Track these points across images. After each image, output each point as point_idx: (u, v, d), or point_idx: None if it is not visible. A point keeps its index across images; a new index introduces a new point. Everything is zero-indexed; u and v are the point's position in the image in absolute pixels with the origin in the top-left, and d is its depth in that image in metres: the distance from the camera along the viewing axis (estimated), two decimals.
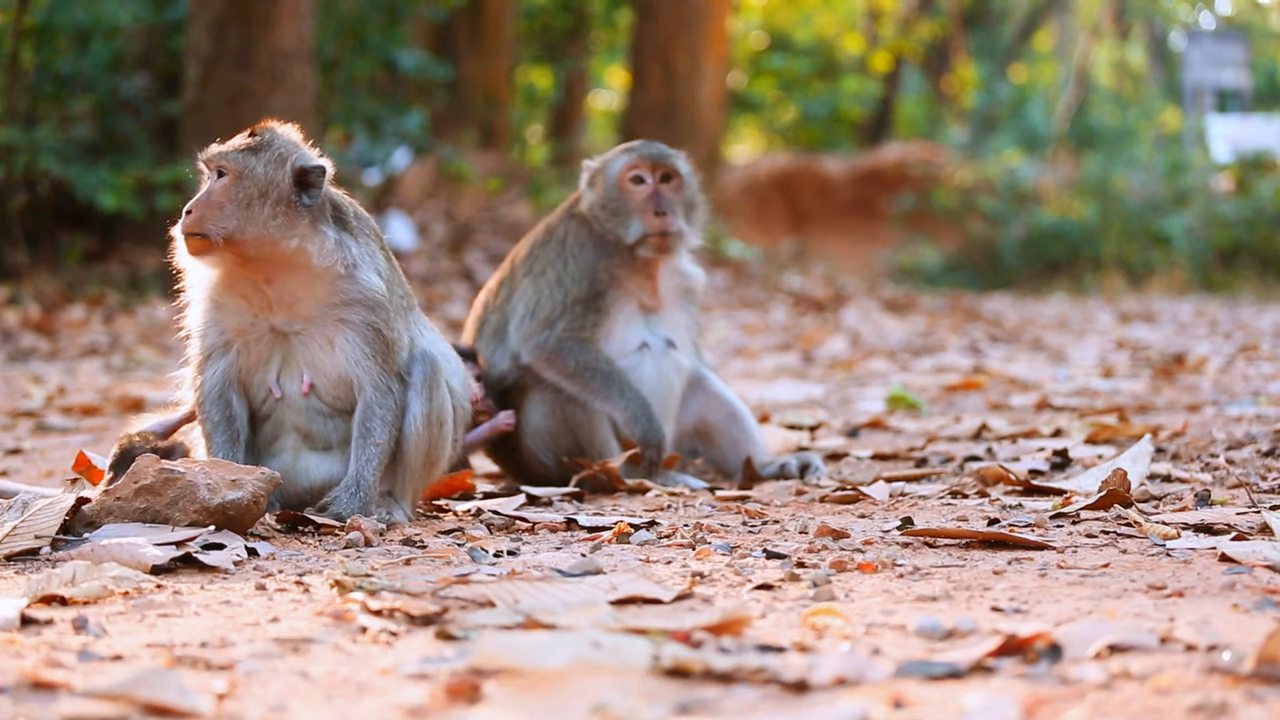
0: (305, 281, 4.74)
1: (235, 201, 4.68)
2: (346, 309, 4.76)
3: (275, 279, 4.73)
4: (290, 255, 4.70)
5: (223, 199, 4.68)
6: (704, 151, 20.01)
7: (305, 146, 4.84)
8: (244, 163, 4.72)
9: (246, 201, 4.68)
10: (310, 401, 4.81)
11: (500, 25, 22.96)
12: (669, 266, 5.98)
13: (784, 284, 20.79)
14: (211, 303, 4.81)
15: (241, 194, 4.69)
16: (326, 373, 4.79)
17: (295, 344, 4.78)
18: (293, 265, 4.72)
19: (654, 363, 5.91)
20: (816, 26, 34.87)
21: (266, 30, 13.10)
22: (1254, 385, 9.10)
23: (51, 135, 13.78)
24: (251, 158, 4.73)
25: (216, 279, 4.78)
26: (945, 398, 9.20)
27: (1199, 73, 32.71)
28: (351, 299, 4.76)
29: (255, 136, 4.79)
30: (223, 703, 2.67)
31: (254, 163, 4.73)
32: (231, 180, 4.70)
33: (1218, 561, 3.89)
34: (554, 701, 2.57)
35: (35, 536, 4.06)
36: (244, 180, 4.70)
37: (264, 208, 4.69)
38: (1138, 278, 24.17)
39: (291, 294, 4.75)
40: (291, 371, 4.81)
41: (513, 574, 3.77)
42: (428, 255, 17.47)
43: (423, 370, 4.85)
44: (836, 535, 4.40)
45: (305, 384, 4.79)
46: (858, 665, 2.81)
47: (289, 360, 4.80)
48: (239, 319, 4.78)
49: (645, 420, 5.73)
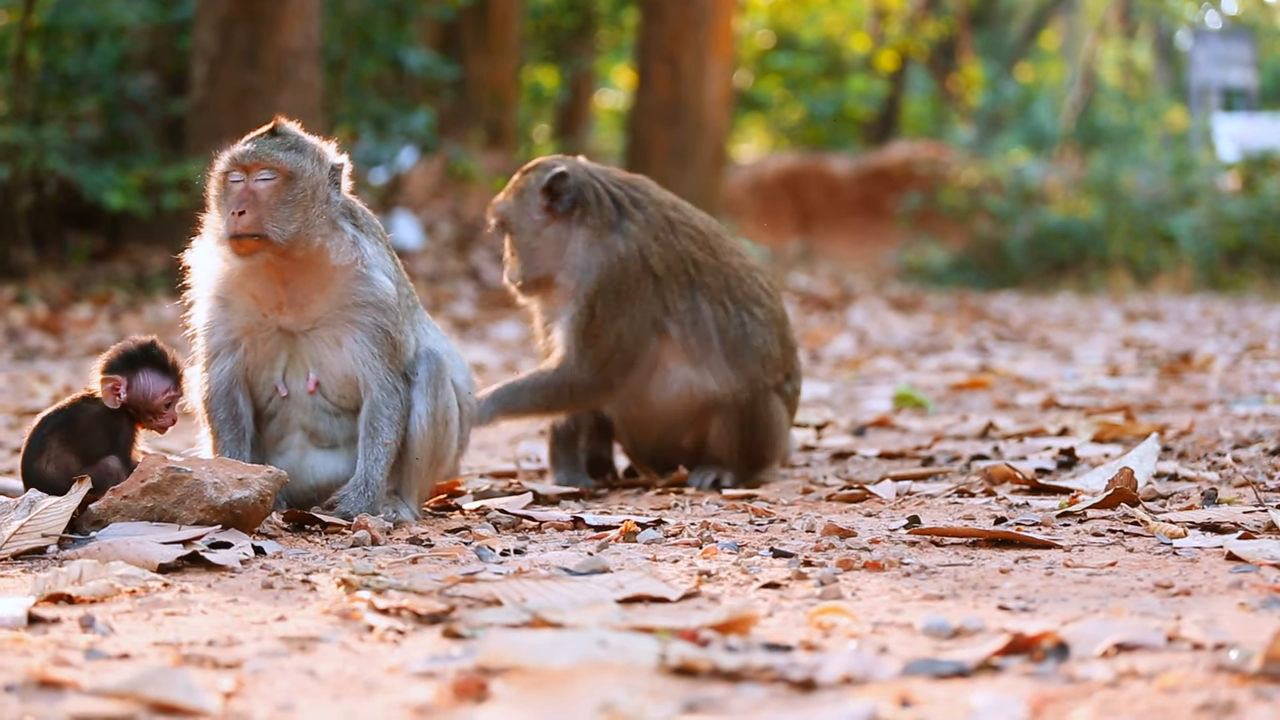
0: (321, 281, 4.73)
1: (289, 202, 4.65)
2: (358, 310, 4.76)
3: (292, 278, 4.72)
4: (314, 254, 4.70)
5: (275, 199, 4.65)
6: (710, 151, 20.00)
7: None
8: (296, 163, 4.68)
9: (300, 202, 4.67)
10: (316, 400, 4.81)
11: (507, 25, 22.96)
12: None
13: (790, 283, 20.76)
14: (219, 301, 4.80)
15: (295, 194, 4.67)
16: (333, 371, 4.79)
17: (302, 342, 4.78)
18: (313, 264, 4.71)
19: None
20: (823, 26, 34.86)
21: (273, 30, 13.10)
22: (1261, 384, 9.09)
23: (58, 135, 13.78)
24: (300, 157, 4.70)
25: (228, 277, 4.76)
26: (952, 396, 9.19)
27: (1205, 72, 32.70)
28: (364, 300, 4.76)
29: (283, 135, 4.74)
30: (230, 701, 2.67)
31: (304, 162, 4.70)
32: (283, 181, 4.66)
33: (1224, 560, 3.89)
34: (561, 700, 2.57)
35: (42, 535, 4.06)
36: (297, 180, 4.68)
37: (313, 207, 4.69)
38: (1144, 277, 24.14)
39: (305, 294, 4.74)
40: (298, 370, 4.81)
41: (520, 572, 3.77)
42: (434, 254, 17.48)
43: (427, 369, 4.85)
44: (843, 534, 4.39)
45: (311, 382, 4.79)
46: (865, 664, 2.81)
47: (295, 359, 4.80)
48: (247, 318, 4.78)
49: None
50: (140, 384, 4.61)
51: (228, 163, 4.72)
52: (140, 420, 4.65)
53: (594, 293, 5.60)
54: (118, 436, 4.62)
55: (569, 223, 5.66)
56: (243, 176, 4.68)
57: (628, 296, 5.62)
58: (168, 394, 4.63)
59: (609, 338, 5.60)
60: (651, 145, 19.22)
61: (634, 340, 5.64)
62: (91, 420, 4.62)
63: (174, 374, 4.67)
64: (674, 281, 5.70)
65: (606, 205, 5.68)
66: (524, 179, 5.76)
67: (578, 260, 5.64)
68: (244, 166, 4.69)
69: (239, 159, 4.70)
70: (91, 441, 4.58)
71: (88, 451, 4.57)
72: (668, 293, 5.68)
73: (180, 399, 4.69)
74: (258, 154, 4.69)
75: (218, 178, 4.75)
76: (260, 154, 4.69)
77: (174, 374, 4.67)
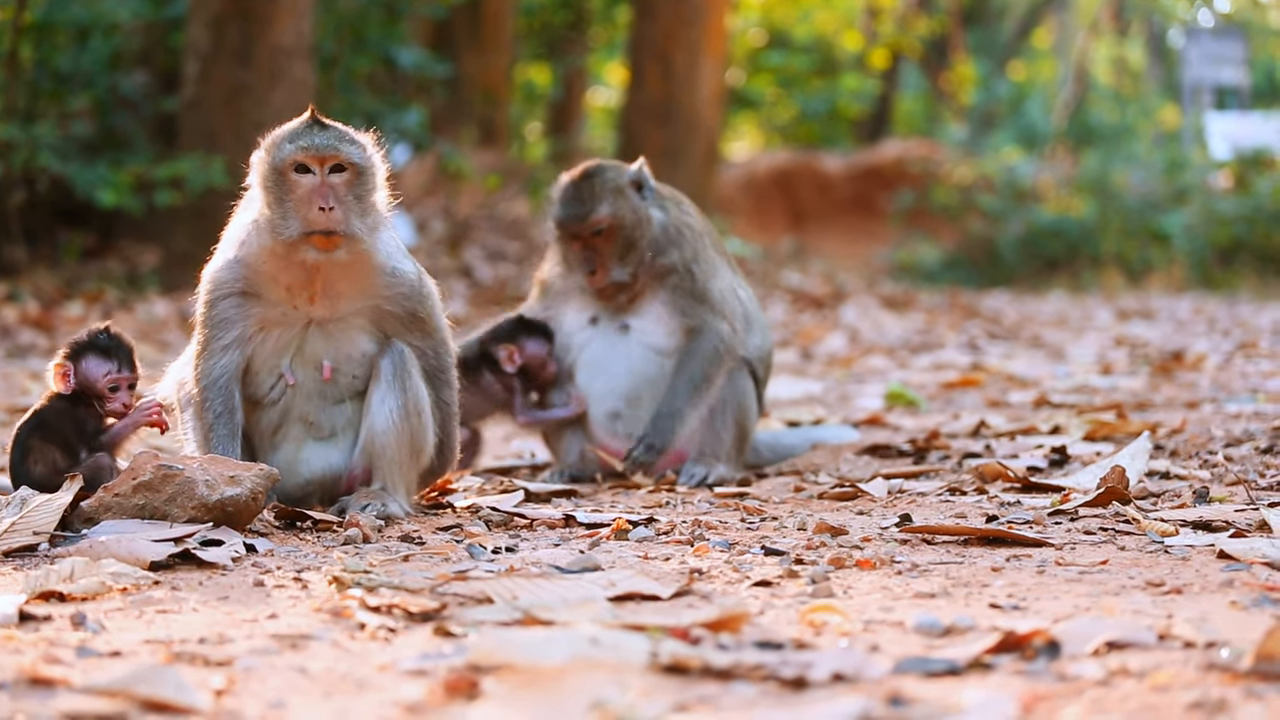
0: (354, 274, 4.73)
1: (362, 198, 4.66)
2: (388, 301, 4.80)
3: (330, 271, 4.71)
4: (362, 248, 4.71)
5: (350, 194, 4.63)
6: (703, 149, 19.99)
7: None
8: (364, 157, 4.67)
9: (370, 196, 4.68)
10: (324, 387, 4.82)
11: (499, 22, 22.94)
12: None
13: (783, 281, 20.77)
14: (244, 296, 4.76)
15: (366, 188, 4.67)
16: (350, 356, 4.81)
17: (315, 332, 4.78)
18: (359, 259, 4.71)
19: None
20: (815, 23, 34.84)
21: (266, 27, 13.08)
22: (1252, 382, 9.10)
23: (50, 132, 13.75)
24: (364, 151, 4.69)
25: (264, 271, 4.72)
26: (944, 395, 9.20)
27: (1198, 70, 32.70)
28: (394, 292, 4.80)
29: (334, 128, 4.70)
30: (221, 699, 2.67)
31: (368, 156, 4.70)
32: (354, 175, 4.64)
33: (1216, 558, 3.89)
34: (552, 698, 2.57)
35: (34, 533, 4.06)
36: (366, 174, 4.68)
37: (375, 201, 4.70)
38: (1136, 275, 24.14)
39: (338, 287, 4.73)
40: (305, 359, 4.80)
41: (511, 570, 3.77)
42: (426, 252, 17.46)
43: (391, 362, 4.84)
44: (835, 532, 4.40)
45: (327, 370, 4.80)
46: (856, 662, 2.81)
47: (304, 348, 4.80)
48: (274, 310, 4.76)
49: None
50: (83, 368, 4.63)
51: (294, 153, 4.63)
52: (98, 407, 4.67)
53: (690, 259, 5.98)
54: (84, 426, 4.64)
55: (650, 211, 5.99)
56: (314, 169, 4.62)
57: (711, 262, 6.07)
58: (109, 377, 4.63)
59: (715, 291, 5.98)
60: (644, 143, 19.19)
61: (730, 294, 6.07)
62: (59, 414, 4.65)
63: (117, 358, 4.65)
64: (725, 260, 6.20)
65: (666, 194, 6.11)
66: (606, 180, 5.96)
67: (664, 241, 5.98)
68: (320, 159, 4.62)
69: (314, 150, 4.62)
70: (65, 434, 4.61)
71: (66, 444, 4.59)
72: (727, 266, 6.19)
73: (129, 382, 4.66)
74: (335, 147, 4.63)
75: (278, 168, 4.65)
76: (337, 146, 4.63)
77: (117, 358, 4.65)
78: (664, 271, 5.96)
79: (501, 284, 16.57)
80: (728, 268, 6.15)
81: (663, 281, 5.95)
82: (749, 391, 6.03)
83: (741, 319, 6.04)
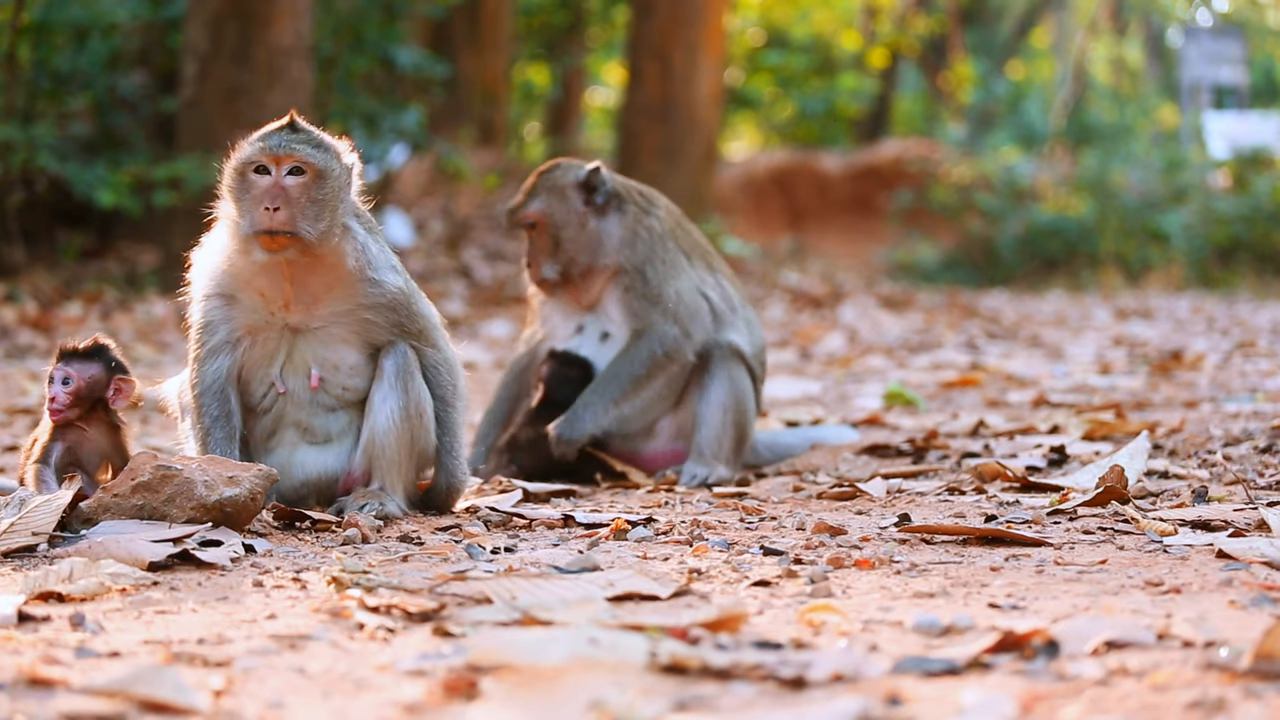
0: (330, 281, 4.73)
1: (318, 201, 4.64)
2: (368, 311, 4.79)
3: (303, 277, 4.71)
4: (329, 253, 4.70)
5: (305, 196, 4.62)
6: (701, 148, 19.98)
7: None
8: (325, 161, 4.66)
9: (328, 201, 4.66)
10: (316, 396, 4.82)
11: (498, 22, 22.94)
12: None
13: (781, 281, 20.78)
14: (224, 298, 4.77)
15: (324, 192, 4.65)
16: (338, 367, 4.80)
17: (303, 340, 4.79)
18: (325, 263, 4.71)
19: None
20: (814, 23, 34.82)
21: (264, 27, 13.08)
22: (1251, 382, 9.10)
23: (49, 132, 13.75)
24: (328, 155, 4.69)
25: (237, 273, 4.73)
26: (943, 394, 9.20)
27: (1196, 69, 32.68)
28: (374, 302, 4.78)
29: (305, 131, 4.70)
30: (220, 699, 2.67)
31: (332, 160, 4.69)
32: (313, 178, 4.64)
33: (1215, 558, 3.89)
34: (551, 698, 2.57)
35: (32, 533, 4.06)
36: (326, 179, 4.66)
37: (339, 205, 4.69)
38: (1135, 274, 24.14)
39: (312, 293, 4.74)
40: (296, 367, 4.81)
41: (510, 571, 3.77)
42: (425, 252, 17.47)
43: (395, 363, 4.84)
44: (834, 532, 4.40)
45: (314, 379, 4.80)
46: (855, 662, 2.81)
47: (294, 356, 4.80)
48: (253, 315, 4.77)
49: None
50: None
51: (254, 153, 4.65)
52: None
53: (642, 262, 5.97)
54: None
55: (604, 214, 5.99)
56: (271, 170, 4.64)
57: (671, 264, 6.02)
58: (51, 373, 4.65)
59: (669, 294, 5.97)
60: (642, 143, 19.21)
61: (691, 295, 6.04)
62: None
63: (66, 360, 4.65)
64: (699, 260, 6.16)
65: (635, 195, 6.07)
66: (550, 178, 6.02)
67: (616, 243, 5.98)
68: (275, 159, 4.63)
69: (270, 150, 4.64)
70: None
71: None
72: (697, 266, 6.14)
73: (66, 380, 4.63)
74: (291, 148, 4.64)
75: (238, 168, 4.68)
76: (293, 147, 4.64)
77: (66, 360, 4.65)
78: (615, 273, 5.99)
79: (500, 284, 16.58)
80: (699, 267, 6.13)
81: (616, 283, 6.00)
82: (748, 392, 6.04)
83: (703, 319, 6.04)
